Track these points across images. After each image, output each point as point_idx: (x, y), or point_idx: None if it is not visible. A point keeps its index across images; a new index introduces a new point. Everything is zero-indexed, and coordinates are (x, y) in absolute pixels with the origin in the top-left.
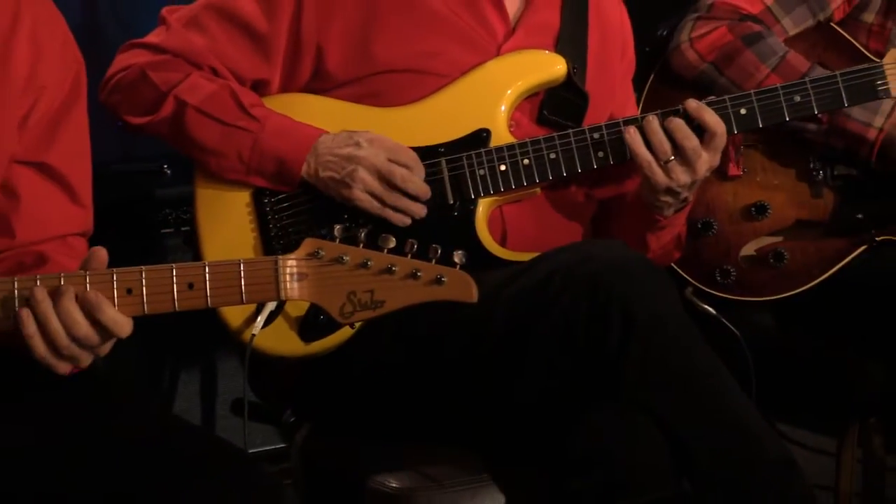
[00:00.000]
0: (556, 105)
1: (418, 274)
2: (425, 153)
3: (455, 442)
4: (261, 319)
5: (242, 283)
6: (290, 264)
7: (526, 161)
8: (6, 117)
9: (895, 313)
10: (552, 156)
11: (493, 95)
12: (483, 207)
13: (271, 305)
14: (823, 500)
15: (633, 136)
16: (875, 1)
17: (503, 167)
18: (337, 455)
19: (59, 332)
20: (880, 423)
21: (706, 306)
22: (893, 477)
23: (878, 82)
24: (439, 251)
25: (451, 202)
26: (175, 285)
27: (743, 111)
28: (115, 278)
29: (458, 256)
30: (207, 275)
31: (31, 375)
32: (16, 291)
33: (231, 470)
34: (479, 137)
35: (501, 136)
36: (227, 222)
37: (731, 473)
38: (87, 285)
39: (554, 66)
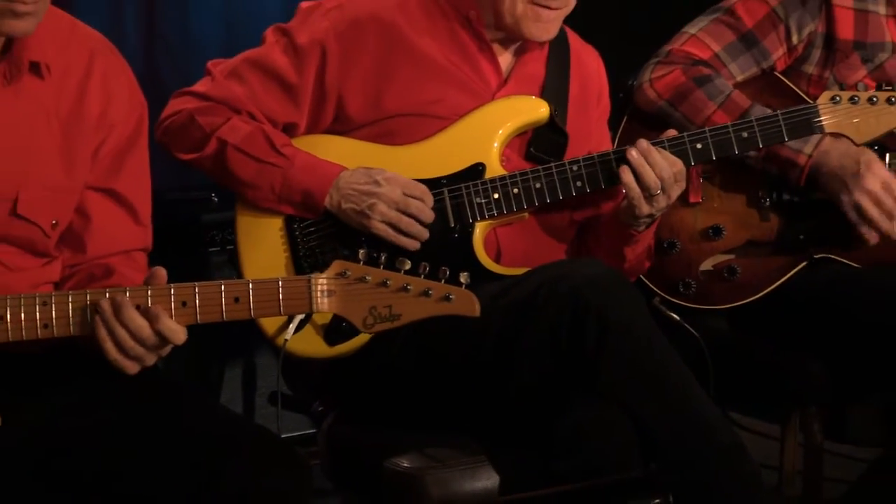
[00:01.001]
0: (541, 142)
1: (430, 292)
2: (430, 184)
3: (457, 429)
4: (292, 327)
5: (281, 297)
6: (321, 282)
7: (516, 190)
8: (81, 150)
9: (831, 319)
10: (538, 185)
11: (487, 134)
12: (480, 230)
13: (301, 315)
14: (769, 477)
15: (626, 174)
16: (814, 54)
17: (496, 195)
18: (358, 440)
19: (124, 336)
20: (818, 412)
21: (671, 313)
22: (830, 458)
23: (814, 119)
24: (447, 272)
25: (453, 226)
26: (223, 299)
27: (699, 146)
28: (172, 293)
29: (463, 277)
30: (251, 290)
31: (105, 373)
32: (88, 303)
33: (267, 451)
34: (476, 170)
35: (495, 169)
36: (262, 244)
37: (691, 456)
38: (149, 299)
39: (538, 109)
